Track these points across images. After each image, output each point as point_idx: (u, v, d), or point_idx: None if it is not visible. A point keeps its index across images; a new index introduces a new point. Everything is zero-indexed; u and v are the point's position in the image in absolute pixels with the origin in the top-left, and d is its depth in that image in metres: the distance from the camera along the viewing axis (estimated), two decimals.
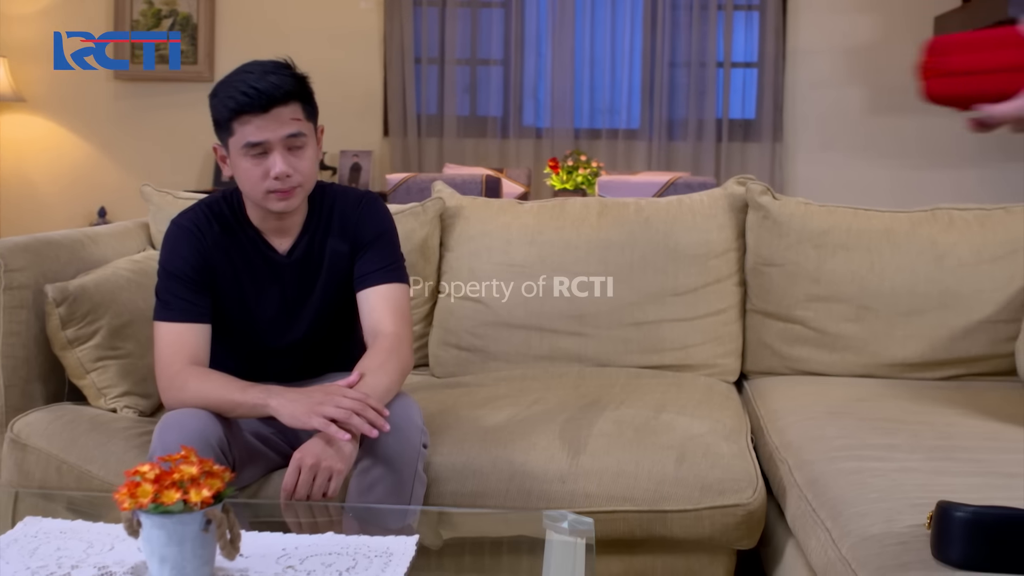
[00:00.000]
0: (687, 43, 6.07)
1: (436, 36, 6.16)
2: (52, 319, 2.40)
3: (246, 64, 2.12)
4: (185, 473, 1.50)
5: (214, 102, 2.09)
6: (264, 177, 2.08)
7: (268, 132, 2.05)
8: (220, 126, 2.10)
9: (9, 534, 1.72)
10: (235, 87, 2.05)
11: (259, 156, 2.07)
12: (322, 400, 1.94)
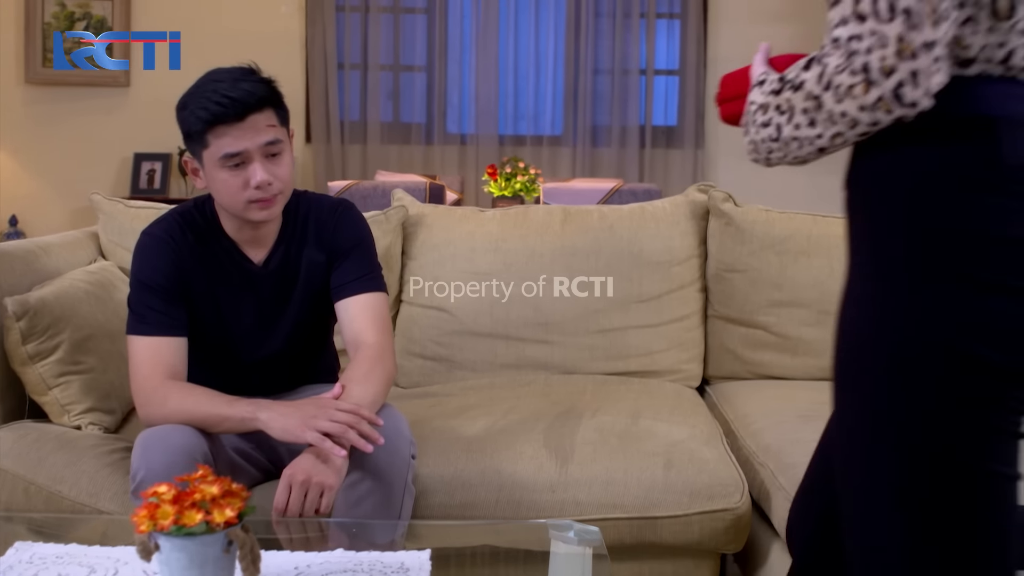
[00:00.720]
0: (610, 50, 6.12)
1: (359, 41, 6.11)
2: (12, 333, 2.30)
3: (210, 72, 2.06)
4: (206, 493, 1.45)
5: (184, 114, 2.01)
6: (244, 187, 2.02)
7: (246, 141, 1.99)
8: (192, 138, 2.03)
9: (2, 561, 1.65)
10: (206, 97, 1.98)
11: (237, 167, 2.01)
12: (315, 413, 1.90)
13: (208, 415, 1.98)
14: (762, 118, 1.31)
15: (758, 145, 1.33)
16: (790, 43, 6.01)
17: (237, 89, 1.97)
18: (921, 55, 1.11)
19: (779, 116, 1.27)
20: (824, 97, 1.20)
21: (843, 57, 1.16)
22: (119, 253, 2.79)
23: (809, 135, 1.24)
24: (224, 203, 2.06)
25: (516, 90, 6.21)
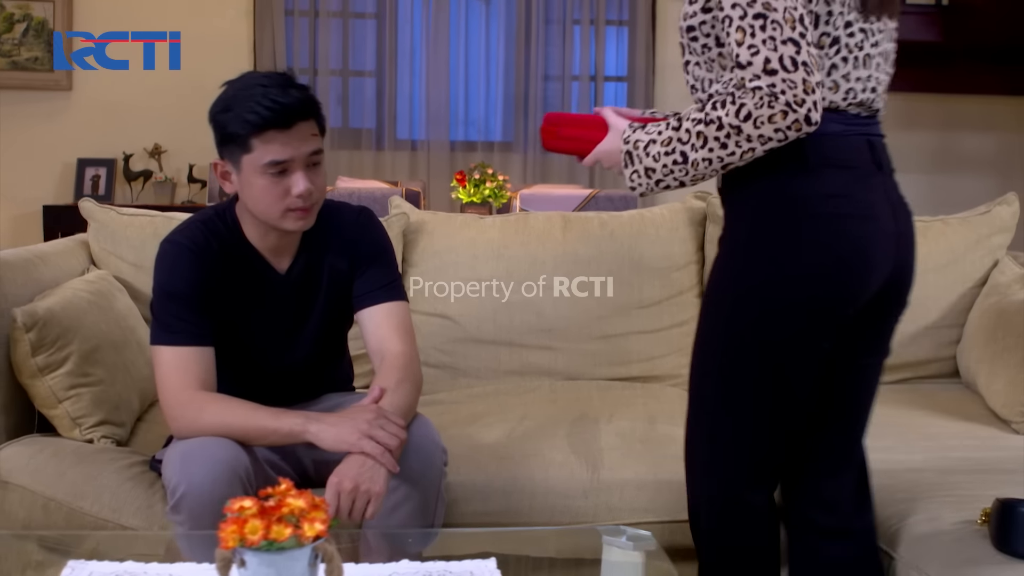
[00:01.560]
0: (560, 57, 6.15)
1: (307, 46, 6.05)
2: (21, 345, 2.24)
3: (248, 76, 2.03)
4: (294, 507, 1.44)
5: (226, 117, 1.97)
6: (284, 195, 1.99)
7: (292, 149, 1.97)
8: (233, 142, 1.98)
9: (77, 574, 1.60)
10: (256, 101, 1.94)
11: (279, 174, 1.98)
12: (368, 421, 1.89)
13: (251, 427, 1.95)
14: (658, 149, 1.71)
15: (651, 172, 1.72)
16: None
17: (288, 95, 1.94)
18: (817, 91, 1.57)
19: (682, 145, 1.67)
20: (744, 126, 1.60)
21: (764, 96, 1.57)
22: (112, 261, 2.73)
23: (721, 155, 1.64)
24: (259, 210, 2.03)
25: (467, 96, 6.20)
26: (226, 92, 1.99)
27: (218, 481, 1.87)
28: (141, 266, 2.71)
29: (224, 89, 2.02)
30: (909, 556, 1.81)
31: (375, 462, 1.86)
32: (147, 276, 2.64)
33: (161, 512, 2.10)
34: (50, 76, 5.85)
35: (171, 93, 5.90)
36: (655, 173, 1.72)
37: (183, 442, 1.96)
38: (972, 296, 2.84)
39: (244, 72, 2.07)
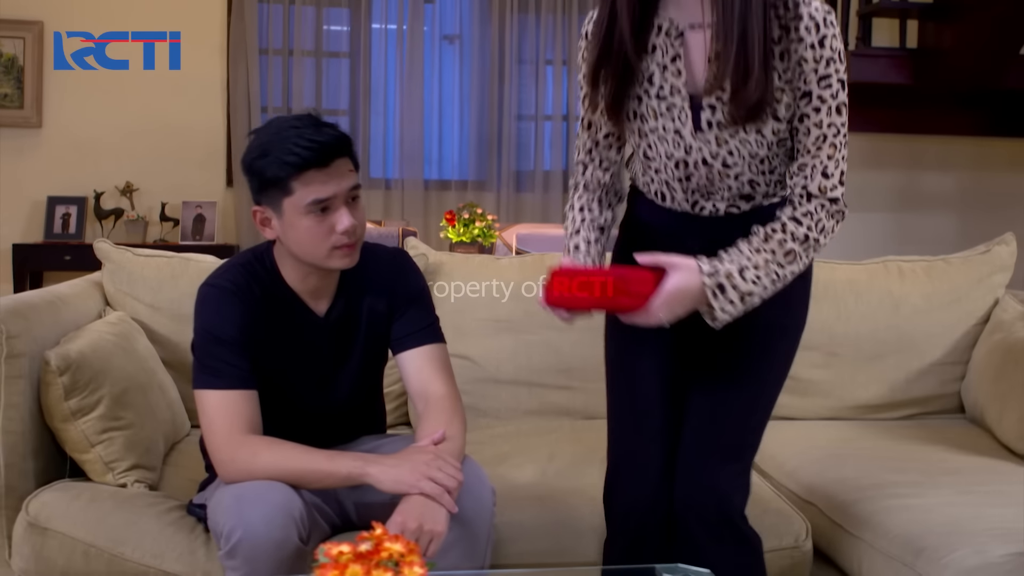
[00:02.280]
0: (532, 96, 6.23)
1: (280, 85, 6.05)
2: (54, 389, 2.21)
3: (277, 121, 2.02)
4: (393, 551, 1.44)
5: (263, 162, 1.96)
6: (329, 234, 2.00)
7: (333, 187, 1.97)
8: (273, 185, 1.97)
9: None
10: (291, 142, 1.94)
11: (322, 213, 1.99)
12: (428, 464, 1.90)
13: (307, 471, 1.95)
14: (755, 273, 1.78)
15: (748, 296, 1.78)
16: None
17: (322, 134, 1.95)
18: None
19: (778, 266, 1.79)
20: (820, 238, 1.82)
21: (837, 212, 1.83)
22: (128, 303, 2.71)
23: (803, 264, 1.83)
24: (304, 251, 2.03)
25: (440, 135, 6.24)
26: (258, 139, 1.99)
27: (274, 525, 1.87)
28: (158, 308, 2.70)
29: (254, 137, 2.02)
30: None
31: (435, 503, 1.87)
32: (164, 318, 2.67)
33: (204, 558, 2.09)
34: (20, 113, 5.80)
35: (143, 131, 5.89)
36: (752, 296, 1.78)
37: (235, 486, 1.94)
38: (975, 333, 2.92)
39: (270, 119, 2.08)
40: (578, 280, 1.82)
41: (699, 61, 1.81)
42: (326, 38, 6.12)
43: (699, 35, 1.81)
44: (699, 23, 1.80)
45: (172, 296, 2.71)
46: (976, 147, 6.27)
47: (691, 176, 1.88)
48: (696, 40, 1.81)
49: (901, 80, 5.05)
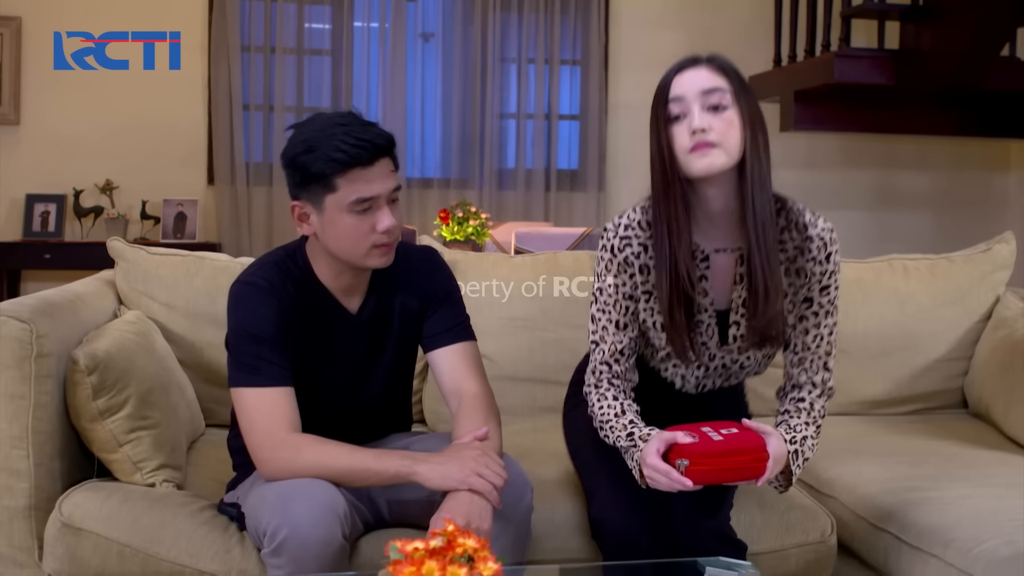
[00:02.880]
0: (514, 95, 6.25)
1: (262, 82, 6.03)
2: (82, 388, 2.20)
3: (324, 117, 2.02)
4: (467, 547, 1.46)
5: (308, 158, 1.95)
6: (369, 232, 2.00)
7: (377, 186, 1.98)
8: (316, 182, 1.97)
9: None
10: (339, 139, 1.94)
11: (364, 212, 2.00)
12: (475, 460, 1.92)
13: (352, 469, 1.96)
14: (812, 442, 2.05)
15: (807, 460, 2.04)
16: None
17: (368, 132, 1.96)
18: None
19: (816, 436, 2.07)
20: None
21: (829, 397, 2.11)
22: (143, 302, 2.69)
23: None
24: (343, 248, 2.03)
25: (423, 133, 6.25)
26: (302, 134, 1.99)
27: (320, 524, 1.87)
28: (174, 306, 2.69)
29: (297, 132, 2.02)
30: None
31: (481, 499, 1.89)
32: (180, 316, 2.66)
33: (239, 556, 2.09)
34: None
35: (123, 128, 5.84)
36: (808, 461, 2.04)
37: (277, 484, 1.95)
38: (978, 330, 2.98)
39: (311, 115, 2.09)
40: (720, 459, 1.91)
41: (725, 280, 2.02)
42: (308, 36, 6.11)
43: (725, 258, 2.02)
44: (724, 248, 2.01)
45: (188, 295, 2.70)
46: (953, 147, 6.38)
47: (708, 375, 2.13)
48: (722, 262, 2.02)
49: (883, 81, 5.12)
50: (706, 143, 1.89)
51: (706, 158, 1.90)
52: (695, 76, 1.92)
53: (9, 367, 2.15)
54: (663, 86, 1.95)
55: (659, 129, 1.94)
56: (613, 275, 2.07)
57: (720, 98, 1.91)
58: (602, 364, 2.10)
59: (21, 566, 2.17)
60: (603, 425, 2.08)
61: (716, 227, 2.01)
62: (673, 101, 1.92)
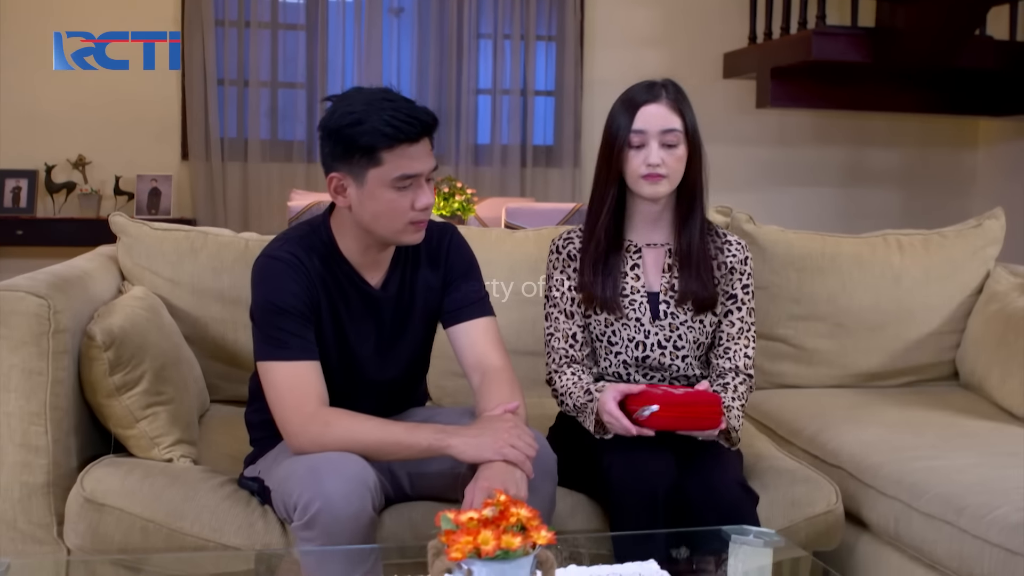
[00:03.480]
0: (490, 71, 6.25)
1: (236, 57, 5.97)
2: (98, 364, 2.19)
3: (365, 92, 2.02)
4: (521, 516, 1.48)
5: (357, 130, 1.95)
6: (409, 208, 2.01)
7: (420, 163, 2.00)
8: (360, 154, 1.97)
9: None
10: (388, 114, 1.95)
11: (405, 188, 2.00)
12: (509, 432, 1.94)
13: (383, 442, 1.97)
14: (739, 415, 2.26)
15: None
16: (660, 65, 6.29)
17: (416, 110, 1.97)
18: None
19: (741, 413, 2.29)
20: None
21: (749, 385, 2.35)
22: (147, 277, 2.67)
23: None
24: (379, 223, 2.03)
25: None
26: (347, 107, 1.99)
27: (351, 497, 1.89)
28: (179, 282, 2.67)
29: (340, 104, 2.02)
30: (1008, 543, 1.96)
31: (516, 469, 1.91)
32: (185, 292, 2.66)
33: (262, 530, 2.10)
34: None
35: (95, 103, 5.77)
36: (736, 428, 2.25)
37: (307, 457, 1.95)
38: (969, 304, 3.04)
39: (351, 88, 2.09)
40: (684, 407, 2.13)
41: (655, 269, 2.35)
42: (282, 10, 6.06)
43: (656, 251, 2.36)
44: (654, 243, 2.36)
45: (192, 270, 2.69)
46: (922, 124, 6.47)
47: (647, 357, 2.32)
48: (653, 255, 2.36)
49: (859, 58, 5.18)
50: (657, 175, 2.24)
51: (655, 187, 2.26)
52: (656, 113, 2.24)
53: (27, 343, 2.13)
54: (628, 113, 2.25)
55: (614, 147, 2.27)
56: (559, 271, 2.37)
57: (675, 138, 2.25)
58: (558, 351, 2.35)
59: (40, 542, 2.16)
60: (565, 399, 2.30)
61: (649, 227, 2.36)
62: (635, 133, 2.24)
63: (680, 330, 2.32)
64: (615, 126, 2.28)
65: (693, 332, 2.33)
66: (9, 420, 2.13)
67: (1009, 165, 6.27)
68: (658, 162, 2.23)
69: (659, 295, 2.33)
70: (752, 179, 6.24)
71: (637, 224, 2.37)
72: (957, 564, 2.08)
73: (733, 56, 5.98)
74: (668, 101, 2.26)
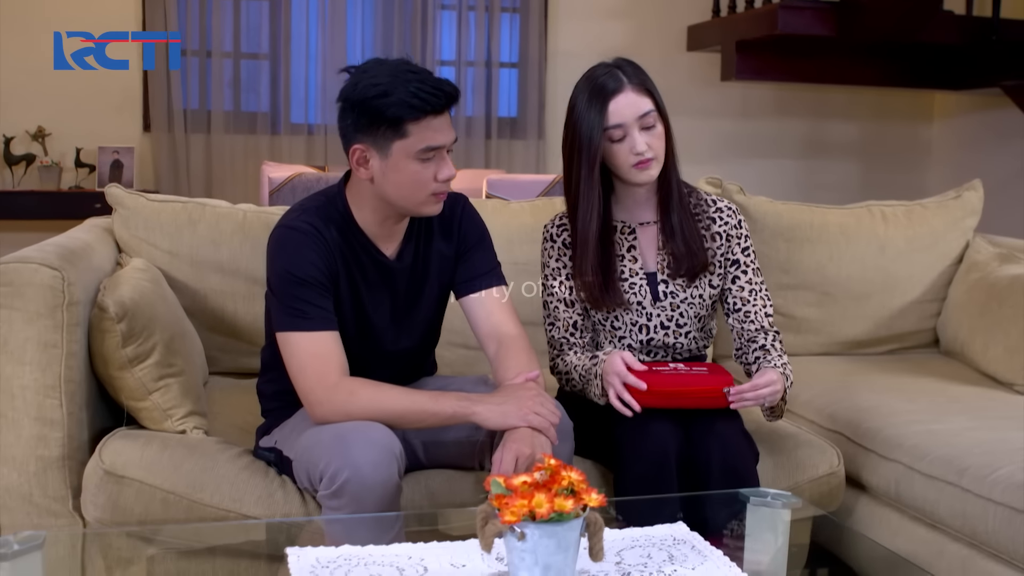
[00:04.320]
0: (454, 42, 6.23)
1: (198, 27, 5.89)
2: (111, 336, 2.18)
3: (388, 64, 2.03)
4: (573, 480, 1.51)
5: (384, 102, 1.96)
6: (431, 180, 2.03)
7: (443, 136, 2.02)
8: (388, 126, 1.98)
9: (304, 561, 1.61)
10: (415, 86, 1.96)
11: (428, 160, 2.02)
12: (532, 399, 1.98)
13: (407, 410, 1.99)
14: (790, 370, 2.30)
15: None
16: (624, 38, 6.32)
17: (441, 82, 1.99)
18: None
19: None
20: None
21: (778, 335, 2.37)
22: (145, 249, 2.66)
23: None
24: (402, 194, 2.04)
25: None
26: (372, 78, 1.99)
27: (380, 465, 1.91)
28: (177, 254, 2.67)
29: (362, 76, 2.02)
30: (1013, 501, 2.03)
31: (540, 435, 1.95)
32: (184, 264, 2.65)
33: (282, 500, 2.12)
34: None
35: (55, 74, 5.63)
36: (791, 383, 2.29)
37: (333, 426, 1.97)
38: (950, 273, 3.13)
39: (369, 59, 2.10)
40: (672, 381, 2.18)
41: (650, 248, 2.36)
42: None
43: (649, 229, 2.38)
44: (647, 221, 2.37)
45: (191, 242, 2.68)
46: (880, 97, 6.58)
47: (651, 340, 2.35)
48: (647, 233, 2.37)
49: (825, 32, 5.24)
50: (647, 160, 2.25)
51: (648, 171, 2.27)
52: (628, 102, 2.24)
53: (42, 315, 2.12)
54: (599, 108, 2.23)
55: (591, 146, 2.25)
56: (555, 259, 2.39)
57: (652, 119, 2.26)
58: (560, 338, 2.38)
59: (56, 515, 2.15)
60: (570, 376, 2.31)
61: (640, 205, 2.38)
62: (614, 128, 2.24)
63: (681, 308, 2.36)
64: (587, 124, 2.25)
65: (694, 307, 2.36)
66: (24, 393, 2.12)
67: (964, 138, 6.40)
68: (644, 148, 2.24)
69: (656, 275, 2.36)
70: (715, 151, 6.29)
71: (628, 206, 2.40)
72: (960, 523, 2.16)
73: (697, 29, 6.02)
74: (634, 85, 2.25)
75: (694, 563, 1.66)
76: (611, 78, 2.26)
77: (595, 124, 2.24)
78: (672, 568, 1.63)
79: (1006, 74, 5.23)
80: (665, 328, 2.36)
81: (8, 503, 2.13)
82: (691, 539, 1.75)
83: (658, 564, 1.65)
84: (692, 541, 1.74)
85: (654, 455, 2.10)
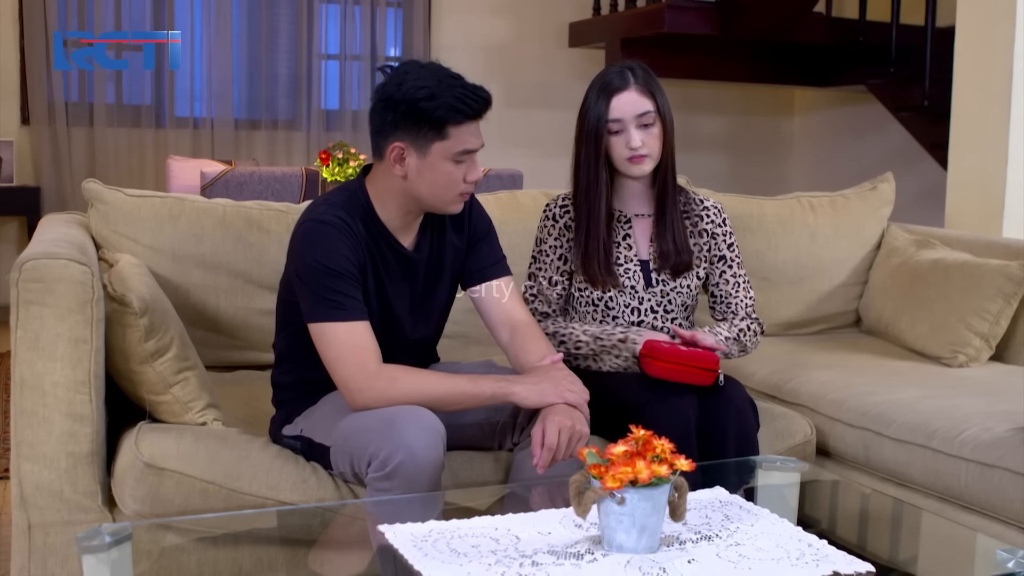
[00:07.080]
0: (338, 36, 6.26)
1: (77, 16, 5.75)
2: (133, 331, 2.19)
3: (428, 66, 2.12)
4: (662, 447, 1.65)
5: (431, 104, 2.05)
6: (461, 181, 2.14)
7: (478, 140, 2.13)
8: (431, 127, 2.08)
9: (401, 536, 1.70)
10: (459, 91, 2.06)
11: (461, 162, 2.12)
12: (565, 379, 2.13)
13: (449, 393, 2.09)
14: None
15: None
16: (506, 33, 6.48)
17: (479, 89, 2.09)
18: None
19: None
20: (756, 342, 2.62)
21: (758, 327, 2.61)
22: (125, 244, 2.65)
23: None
24: (434, 192, 2.14)
25: (250, 74, 6.15)
26: (418, 80, 2.08)
27: (431, 446, 2.01)
28: (159, 249, 2.67)
29: (405, 77, 2.09)
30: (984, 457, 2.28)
31: (576, 410, 2.09)
32: (165, 259, 2.67)
33: (315, 486, 2.18)
34: None
35: None
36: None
37: (379, 412, 2.04)
38: (870, 258, 3.41)
39: (409, 61, 2.18)
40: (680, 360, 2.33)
41: (644, 237, 2.55)
42: None
43: (643, 220, 2.56)
44: (642, 213, 2.56)
45: (173, 237, 2.68)
46: (744, 93, 6.94)
47: (642, 322, 2.52)
48: (642, 224, 2.56)
49: (708, 31, 5.53)
50: (640, 156, 2.44)
51: (640, 166, 2.46)
52: (629, 100, 2.43)
53: (73, 311, 2.11)
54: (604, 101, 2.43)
55: (595, 134, 2.44)
56: (554, 238, 2.57)
57: (650, 119, 2.44)
58: (555, 309, 2.58)
59: (86, 511, 2.15)
60: (578, 341, 2.49)
61: (635, 198, 2.56)
62: (612, 121, 2.43)
63: (670, 295, 2.54)
64: (593, 115, 2.46)
65: (681, 296, 2.55)
66: (56, 390, 2.11)
67: (821, 132, 6.83)
68: (639, 144, 2.43)
69: (649, 263, 2.54)
70: None
71: (625, 197, 2.57)
72: (932, 480, 2.40)
73: (579, 26, 6.22)
74: (638, 86, 2.44)
75: (750, 520, 1.82)
76: (619, 77, 2.45)
77: (600, 116, 2.44)
78: (735, 526, 1.79)
79: (871, 73, 5.63)
80: (655, 313, 2.53)
81: (39, 501, 2.12)
82: (736, 500, 1.92)
83: (720, 523, 1.80)
84: (738, 502, 1.91)
85: (678, 426, 2.26)
